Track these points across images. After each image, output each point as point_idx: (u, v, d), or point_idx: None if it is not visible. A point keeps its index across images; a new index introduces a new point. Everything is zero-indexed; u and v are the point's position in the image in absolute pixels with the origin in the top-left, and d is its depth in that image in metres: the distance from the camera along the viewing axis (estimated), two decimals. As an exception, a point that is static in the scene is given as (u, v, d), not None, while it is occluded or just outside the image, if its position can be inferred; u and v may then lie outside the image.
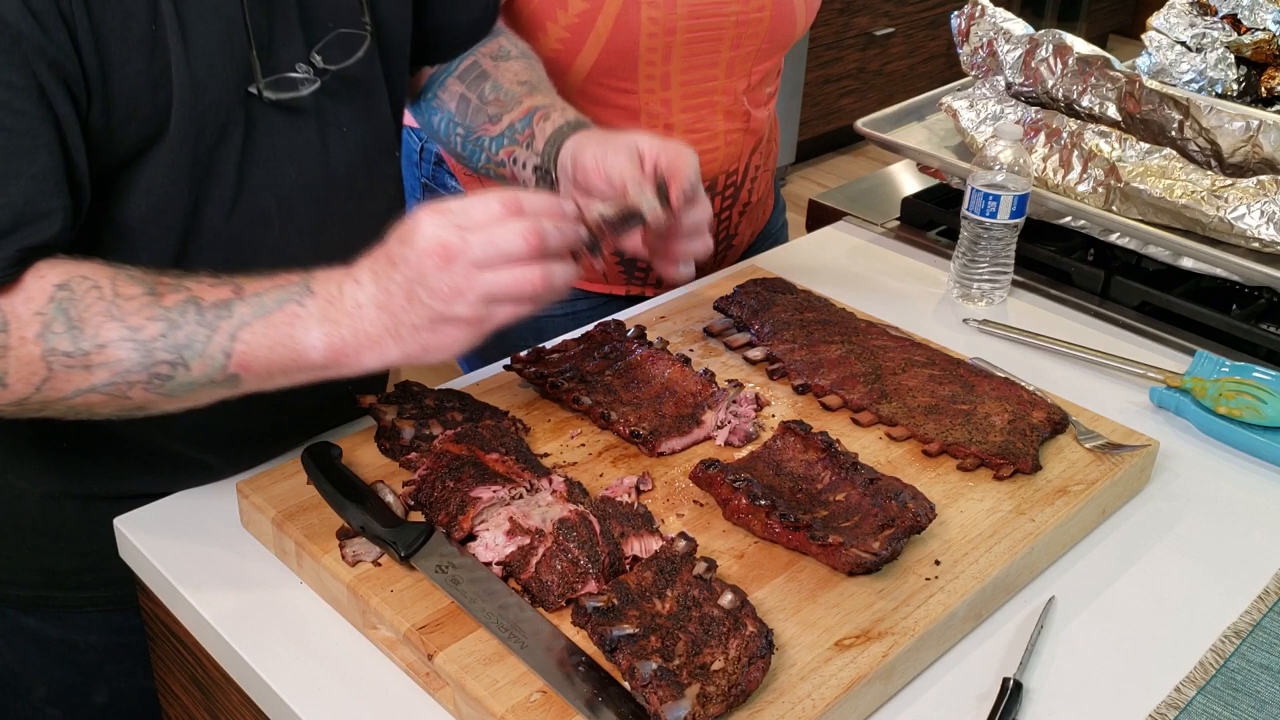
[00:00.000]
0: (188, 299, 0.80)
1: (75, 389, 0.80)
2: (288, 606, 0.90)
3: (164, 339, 0.79)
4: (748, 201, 1.49)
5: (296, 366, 0.83)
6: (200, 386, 0.82)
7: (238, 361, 0.81)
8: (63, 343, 0.78)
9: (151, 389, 0.81)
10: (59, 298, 0.78)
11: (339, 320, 0.82)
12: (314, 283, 0.82)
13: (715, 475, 0.95)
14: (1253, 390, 1.12)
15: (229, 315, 0.80)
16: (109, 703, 1.13)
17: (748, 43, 1.34)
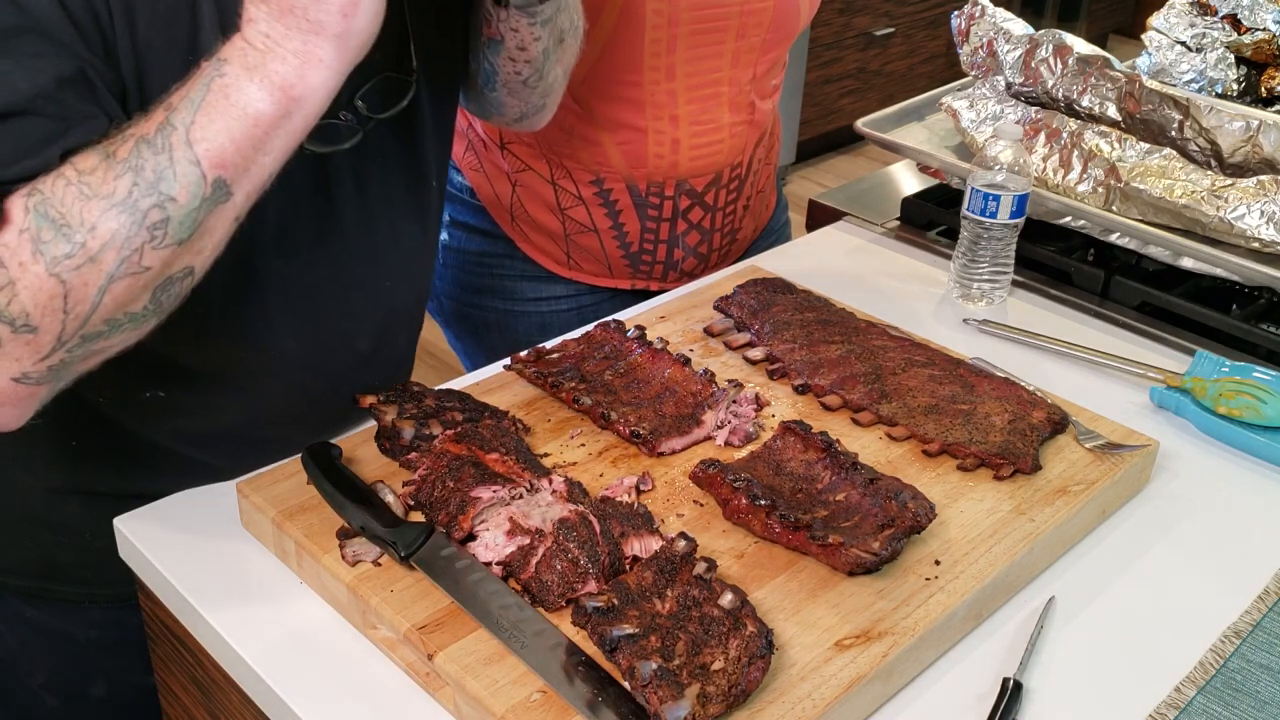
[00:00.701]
0: (135, 140, 0.76)
1: (96, 288, 0.76)
2: (288, 606, 0.90)
3: (137, 187, 0.76)
4: (751, 195, 1.49)
5: (260, 130, 0.78)
6: (200, 214, 0.78)
7: (208, 162, 0.76)
8: (59, 247, 0.74)
9: (158, 243, 0.77)
10: (33, 205, 0.75)
11: (262, 62, 0.76)
12: (221, 51, 0.78)
13: (715, 475, 0.95)
14: (1253, 390, 1.12)
15: (174, 129, 0.76)
16: (106, 696, 1.14)
17: (752, 34, 1.34)
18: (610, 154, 1.36)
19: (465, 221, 1.48)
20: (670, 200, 1.40)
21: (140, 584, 1.00)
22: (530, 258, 1.46)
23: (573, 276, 1.47)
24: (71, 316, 0.76)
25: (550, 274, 1.47)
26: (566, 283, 1.47)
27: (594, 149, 1.36)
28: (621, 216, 1.40)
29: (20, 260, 0.74)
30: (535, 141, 1.38)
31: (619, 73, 1.30)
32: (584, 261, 1.45)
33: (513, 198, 1.43)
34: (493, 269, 1.48)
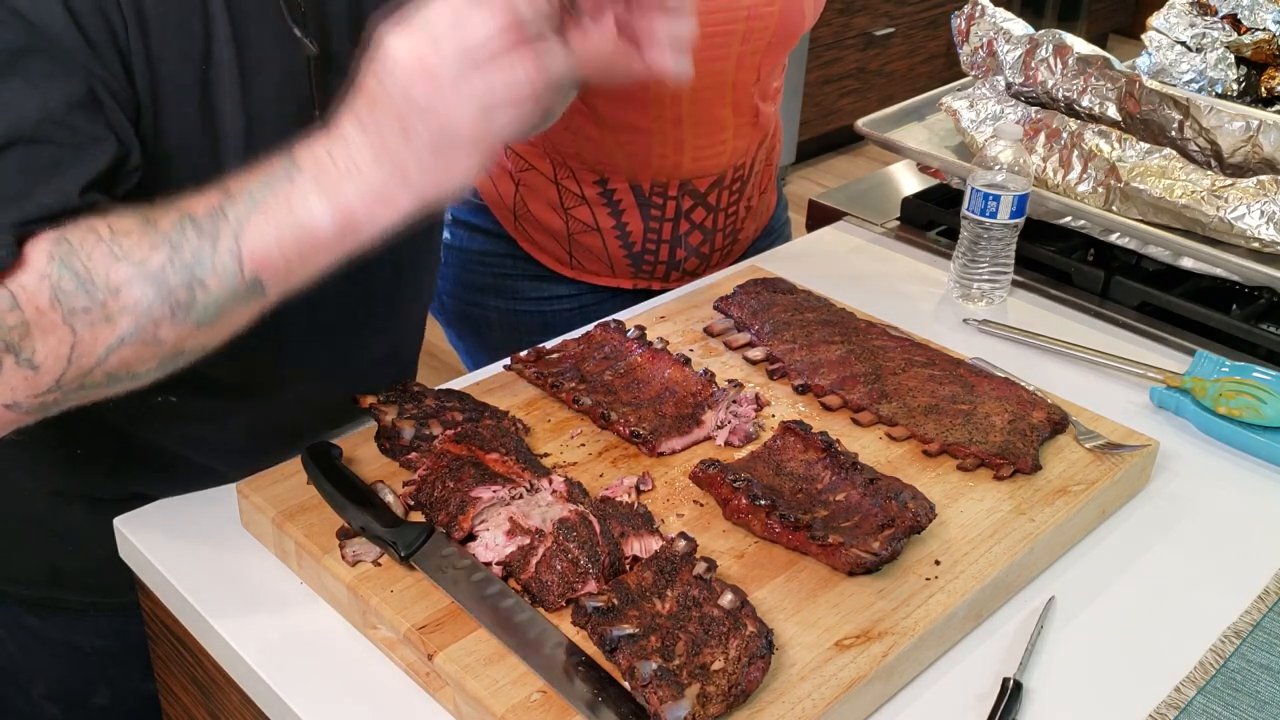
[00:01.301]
0: (181, 217, 0.76)
1: (105, 347, 0.76)
2: (288, 606, 0.90)
3: (171, 264, 0.75)
4: (753, 196, 1.49)
5: (311, 247, 0.77)
6: (227, 303, 0.77)
7: (250, 262, 0.76)
8: (78, 299, 0.74)
9: (178, 321, 0.76)
10: (58, 254, 0.74)
11: (338, 184, 0.75)
12: (298, 156, 0.76)
13: (715, 475, 0.95)
14: (1253, 390, 1.12)
15: (225, 219, 0.75)
16: (109, 704, 1.13)
17: (757, 37, 1.34)
18: (614, 154, 1.36)
19: (467, 220, 1.48)
20: (673, 200, 1.40)
21: (140, 584, 1.00)
22: (532, 257, 1.46)
23: (575, 276, 1.47)
24: (74, 366, 0.76)
25: (552, 273, 1.47)
26: (569, 282, 1.47)
27: (598, 149, 1.36)
28: (625, 216, 1.40)
29: (38, 305, 0.74)
30: (539, 141, 1.38)
31: None
32: (586, 261, 1.45)
33: (515, 197, 1.43)
34: (495, 268, 1.48)
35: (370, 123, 0.74)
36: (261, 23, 0.86)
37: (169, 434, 1.01)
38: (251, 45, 0.85)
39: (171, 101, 0.82)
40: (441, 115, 0.73)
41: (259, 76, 0.86)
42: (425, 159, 0.74)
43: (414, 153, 0.74)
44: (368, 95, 0.75)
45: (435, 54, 0.73)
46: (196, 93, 0.83)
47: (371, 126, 0.74)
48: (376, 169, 0.75)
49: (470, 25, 0.73)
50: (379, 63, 0.74)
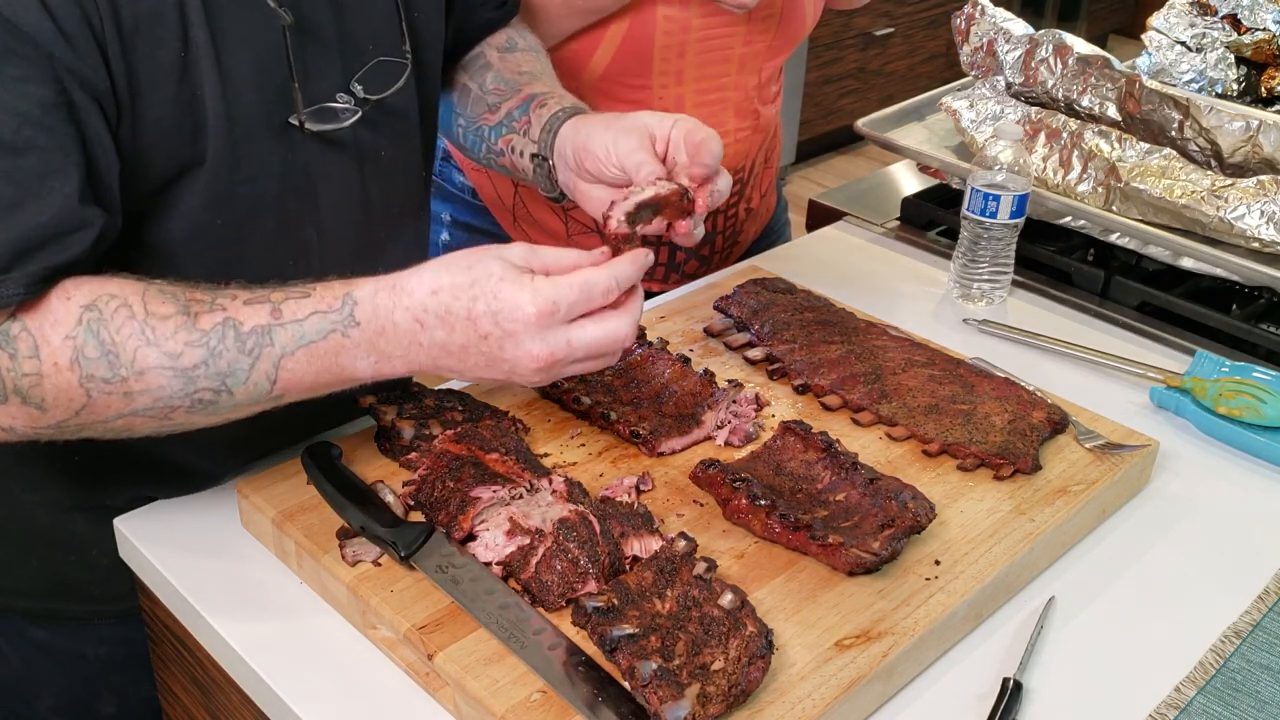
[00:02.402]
0: (224, 321, 0.78)
1: (115, 414, 0.79)
2: (288, 606, 0.90)
3: (205, 367, 0.78)
4: (753, 198, 1.49)
5: (341, 385, 0.83)
6: (243, 407, 0.82)
7: (282, 386, 0.80)
8: (99, 369, 0.76)
9: (194, 412, 0.80)
10: (87, 319, 0.76)
11: (391, 353, 0.81)
12: (358, 309, 0.80)
13: (715, 475, 0.95)
14: (1253, 390, 1.12)
15: (270, 344, 0.79)
16: (116, 713, 1.13)
17: (759, 39, 1.34)
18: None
19: (467, 222, 1.47)
20: None
21: (140, 584, 1.00)
22: None
23: None
24: (80, 419, 0.79)
25: None
26: None
27: None
28: None
29: (56, 361, 0.76)
30: None
31: (628, 76, 1.30)
32: None
33: (515, 198, 1.43)
34: None
35: (458, 341, 0.80)
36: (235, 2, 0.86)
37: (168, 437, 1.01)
38: (227, 24, 0.85)
39: (150, 91, 0.82)
40: (527, 377, 0.81)
41: (237, 55, 0.86)
42: (481, 370, 0.81)
43: (475, 364, 0.81)
44: (471, 320, 0.79)
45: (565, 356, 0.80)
46: (175, 79, 0.83)
47: (458, 341, 0.80)
48: (433, 358, 0.81)
49: (604, 341, 0.80)
50: (486, 276, 0.79)
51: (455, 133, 1.17)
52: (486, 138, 1.13)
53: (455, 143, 1.19)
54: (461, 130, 1.16)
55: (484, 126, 1.12)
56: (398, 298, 0.80)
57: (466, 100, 1.14)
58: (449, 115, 1.17)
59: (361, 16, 0.96)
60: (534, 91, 1.09)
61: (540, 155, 1.05)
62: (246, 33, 0.86)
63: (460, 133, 1.16)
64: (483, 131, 1.13)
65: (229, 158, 0.87)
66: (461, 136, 1.16)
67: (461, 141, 1.17)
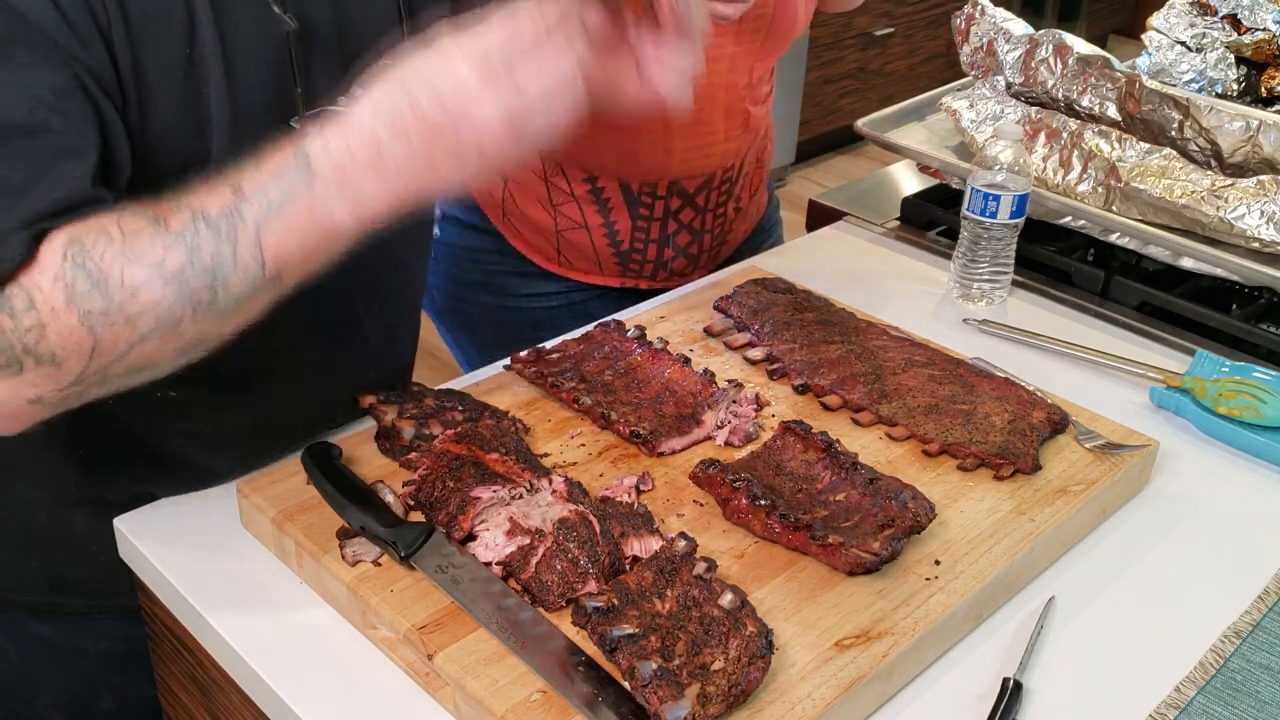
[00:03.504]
0: (192, 216, 0.76)
1: (126, 344, 0.76)
2: (288, 606, 0.90)
3: (191, 266, 0.75)
4: (742, 198, 1.49)
5: (331, 242, 0.78)
6: (248, 297, 0.78)
7: (273, 263, 0.77)
8: (94, 302, 0.74)
9: (199, 318, 0.77)
10: (71, 255, 0.74)
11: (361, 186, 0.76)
12: (313, 160, 0.76)
13: (715, 475, 0.95)
14: (1253, 390, 1.12)
15: (242, 221, 0.75)
16: (115, 710, 1.13)
17: (750, 40, 1.34)
18: (604, 153, 1.36)
19: (456, 216, 1.48)
20: (662, 200, 1.40)
21: (140, 584, 1.00)
22: (521, 253, 1.46)
23: (563, 273, 1.47)
24: (96, 363, 0.76)
25: (541, 270, 1.47)
26: (557, 279, 1.47)
27: (588, 147, 1.36)
28: (613, 215, 1.40)
29: (53, 306, 0.74)
30: None
31: None
32: (574, 258, 1.45)
33: (504, 193, 1.43)
34: (484, 264, 1.48)
35: (401, 125, 0.75)
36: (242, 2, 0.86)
37: (171, 431, 1.01)
38: (233, 25, 0.85)
39: (156, 86, 0.82)
40: (478, 122, 0.75)
41: (241, 56, 0.86)
42: (455, 161, 0.76)
43: (445, 157, 0.76)
44: (401, 98, 0.75)
45: (476, 61, 0.75)
46: (180, 75, 0.83)
47: (402, 130, 0.75)
48: (405, 173, 0.76)
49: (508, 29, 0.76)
50: (415, 69, 0.75)
51: None
52: None
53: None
54: None
55: None
56: (345, 132, 0.77)
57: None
58: None
59: (363, 20, 0.96)
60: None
61: None
62: (252, 34, 0.86)
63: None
64: None
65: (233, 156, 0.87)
66: None
67: None
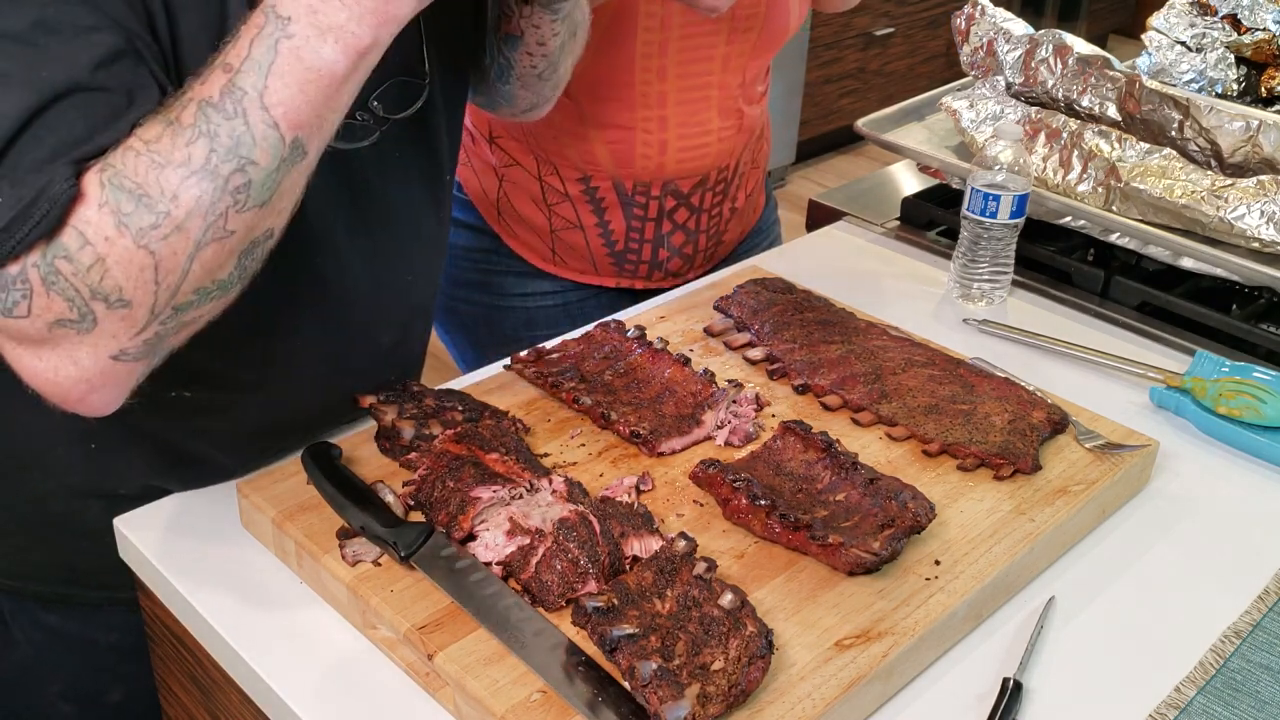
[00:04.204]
0: (198, 105, 0.76)
1: (185, 256, 0.76)
2: (288, 606, 0.90)
3: (214, 153, 0.75)
4: (738, 198, 1.49)
5: (333, 88, 0.78)
6: (278, 174, 0.78)
7: (286, 125, 0.76)
8: (143, 218, 0.74)
9: (242, 207, 0.77)
10: (106, 179, 0.74)
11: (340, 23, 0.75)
12: (280, 7, 0.76)
13: (715, 475, 0.95)
14: (1253, 390, 1.12)
15: (243, 93, 0.75)
16: (123, 701, 1.14)
17: (743, 39, 1.34)
18: (598, 152, 1.36)
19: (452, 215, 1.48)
20: (656, 200, 1.40)
21: (140, 584, 1.00)
22: (516, 253, 1.46)
23: (558, 273, 1.47)
24: (163, 287, 0.76)
25: (536, 270, 1.47)
26: (552, 279, 1.48)
27: (582, 146, 1.36)
28: (607, 214, 1.40)
29: (105, 235, 0.73)
30: (523, 137, 1.38)
31: (611, 72, 1.30)
32: (569, 258, 1.45)
33: (499, 193, 1.43)
34: (479, 264, 1.48)
35: None
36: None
37: (185, 428, 1.01)
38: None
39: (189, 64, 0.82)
40: None
41: None
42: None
43: None
44: None
45: None
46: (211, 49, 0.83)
47: None
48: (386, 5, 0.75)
49: None
50: None
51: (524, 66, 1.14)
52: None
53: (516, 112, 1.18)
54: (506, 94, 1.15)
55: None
56: None
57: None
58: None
59: None
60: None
61: None
62: None
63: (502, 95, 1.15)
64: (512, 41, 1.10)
65: None
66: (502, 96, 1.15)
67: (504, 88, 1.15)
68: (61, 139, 0.74)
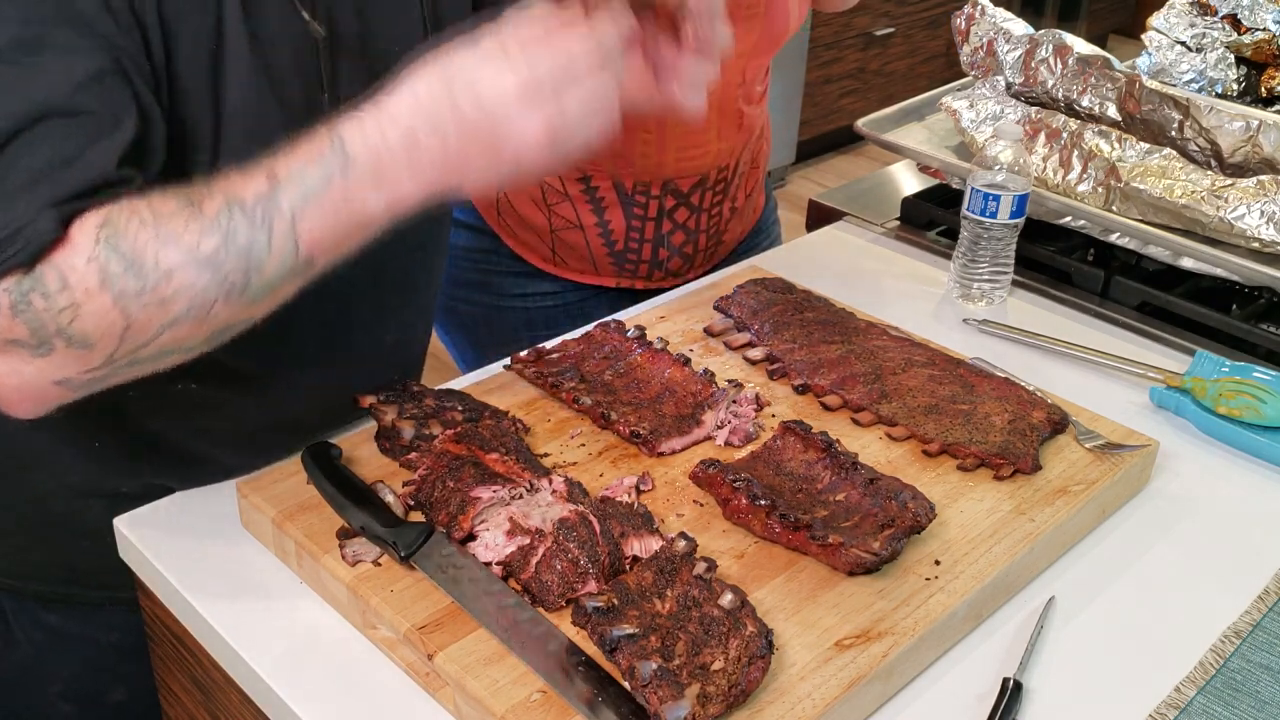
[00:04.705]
0: (228, 201, 0.76)
1: (158, 327, 0.76)
2: (288, 606, 0.90)
3: (225, 250, 0.75)
4: (738, 198, 1.49)
5: (364, 229, 0.79)
6: (281, 282, 0.79)
7: (307, 247, 0.77)
8: (129, 283, 0.74)
9: (232, 301, 0.77)
10: (104, 236, 0.74)
11: (397, 179, 0.77)
12: (349, 145, 0.77)
13: (715, 475, 0.95)
14: (1253, 390, 1.12)
15: (278, 207, 0.76)
16: (125, 701, 1.13)
17: (742, 39, 1.34)
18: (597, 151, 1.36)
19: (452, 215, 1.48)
20: (656, 200, 1.40)
21: (140, 584, 1.00)
22: (516, 253, 1.46)
23: (558, 273, 1.47)
24: (127, 344, 0.76)
25: (536, 270, 1.47)
26: (552, 279, 1.47)
27: None
28: (607, 214, 1.40)
29: (87, 287, 0.74)
30: None
31: None
32: (569, 258, 1.45)
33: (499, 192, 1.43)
34: (479, 264, 1.48)
35: (440, 124, 0.76)
36: (271, 4, 0.86)
37: (187, 426, 1.01)
38: (262, 25, 0.85)
39: (183, 78, 0.82)
40: (517, 133, 0.76)
41: (269, 58, 0.86)
42: (488, 165, 0.77)
43: (480, 161, 0.77)
44: (442, 95, 0.76)
45: (523, 72, 0.76)
46: (207, 69, 0.83)
47: (440, 129, 0.76)
48: (439, 170, 0.77)
49: (560, 47, 0.76)
50: (460, 69, 0.76)
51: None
52: None
53: None
54: None
55: None
56: (383, 123, 0.77)
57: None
58: None
59: (387, 25, 0.96)
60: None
61: None
62: (280, 40, 0.87)
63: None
64: None
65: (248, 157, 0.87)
66: None
67: None
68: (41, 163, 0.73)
